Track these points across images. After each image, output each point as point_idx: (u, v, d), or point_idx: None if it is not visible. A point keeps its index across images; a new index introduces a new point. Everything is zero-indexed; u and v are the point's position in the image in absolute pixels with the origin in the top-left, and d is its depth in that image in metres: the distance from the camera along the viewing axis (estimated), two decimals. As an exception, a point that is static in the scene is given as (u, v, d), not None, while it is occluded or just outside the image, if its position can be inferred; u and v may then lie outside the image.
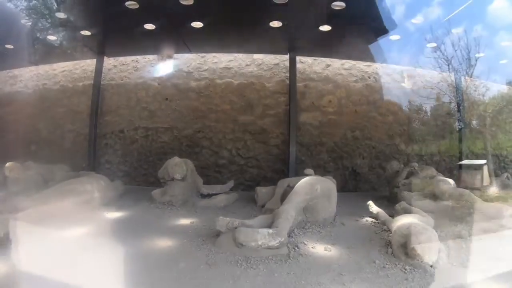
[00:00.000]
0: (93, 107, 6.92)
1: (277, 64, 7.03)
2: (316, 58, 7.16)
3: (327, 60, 7.21)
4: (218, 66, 7.04)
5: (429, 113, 7.84)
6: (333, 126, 7.02)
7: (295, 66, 6.69)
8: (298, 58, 7.06)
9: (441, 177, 5.11)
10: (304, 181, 4.27)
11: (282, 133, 6.78)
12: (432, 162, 7.67)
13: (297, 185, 4.23)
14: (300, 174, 6.68)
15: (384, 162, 7.22)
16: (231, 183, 5.93)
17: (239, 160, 6.83)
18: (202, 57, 7.09)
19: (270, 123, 6.88)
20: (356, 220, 4.41)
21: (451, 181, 4.96)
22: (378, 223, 4.14)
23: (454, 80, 7.77)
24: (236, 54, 7.06)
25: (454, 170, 7.80)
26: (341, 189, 6.86)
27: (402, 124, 7.47)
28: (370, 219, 4.36)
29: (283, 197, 4.47)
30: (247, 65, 7.05)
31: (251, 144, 6.84)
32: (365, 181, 6.95)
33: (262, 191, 5.40)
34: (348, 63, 7.29)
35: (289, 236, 3.32)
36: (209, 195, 5.58)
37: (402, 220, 3.27)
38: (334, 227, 4.08)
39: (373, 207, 4.50)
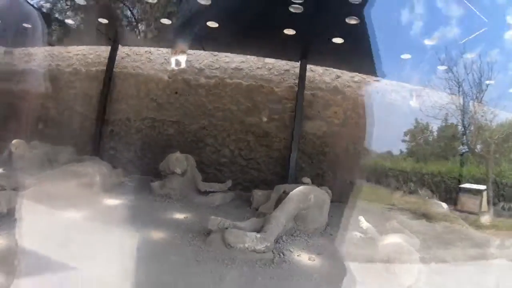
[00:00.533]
0: (103, 93, 7.07)
1: (288, 70, 7.11)
2: (327, 68, 7.21)
3: (338, 71, 7.26)
4: (229, 66, 7.14)
5: (435, 133, 7.86)
6: (336, 137, 7.08)
7: (305, 74, 6.75)
8: (308, 66, 7.14)
9: (436, 200, 5.14)
10: (298, 190, 4.35)
11: (285, 139, 6.86)
12: (433, 182, 7.69)
13: (291, 193, 4.32)
14: (298, 181, 6.79)
15: (382, 177, 7.29)
16: (229, 183, 6.03)
17: (241, 160, 6.93)
18: (215, 55, 7.19)
19: (274, 128, 6.96)
20: (346, 233, 4.43)
21: (444, 205, 5.01)
22: (367, 238, 4.19)
23: (462, 103, 7.78)
24: (248, 56, 7.14)
25: (453, 192, 7.82)
26: (338, 199, 6.95)
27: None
28: (359, 234, 4.41)
29: (278, 203, 4.55)
30: (258, 68, 7.13)
31: (253, 146, 6.94)
32: (362, 194, 6.99)
33: (258, 194, 5.48)
34: (358, 76, 7.33)
35: (276, 242, 3.41)
36: (206, 192, 5.69)
37: (388, 239, 3.33)
38: (322, 237, 4.15)
39: (363, 223, 4.44)
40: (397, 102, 7.53)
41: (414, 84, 7.58)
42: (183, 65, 7.25)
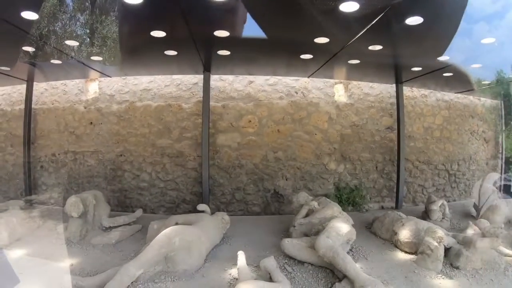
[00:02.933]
0: (25, 131, 7.22)
1: (196, 83, 6.81)
2: (238, 74, 6.83)
3: (250, 77, 6.84)
4: (138, 88, 6.96)
5: (369, 128, 7.24)
6: (253, 147, 6.77)
7: (209, 86, 6.42)
8: (218, 76, 6.80)
9: (336, 222, 4.47)
10: (163, 233, 4.14)
11: (199, 156, 6.67)
12: (368, 180, 7.21)
13: (155, 238, 4.15)
14: (218, 197, 6.66)
15: (310, 183, 6.93)
16: (138, 212, 5.96)
17: (159, 183, 6.85)
18: (124, 79, 7.03)
19: (187, 146, 6.77)
20: (225, 270, 4.04)
21: (345, 228, 4.15)
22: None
23: (395, 91, 7.08)
24: (156, 75, 6.92)
25: (393, 189, 7.32)
26: (264, 211, 6.76)
27: (332, 142, 7.02)
28: (236, 273, 3.85)
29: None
30: (166, 85, 6.89)
31: (169, 167, 6.82)
32: (288, 203, 6.70)
33: (154, 227, 5.35)
34: (273, 78, 6.87)
35: None
36: (110, 228, 5.68)
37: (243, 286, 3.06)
38: (191, 279, 3.81)
39: (240, 260, 4.00)
40: (321, 99, 7.00)
41: (339, 77, 6.99)
42: (96, 94, 7.19)
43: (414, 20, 3.97)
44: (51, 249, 4.89)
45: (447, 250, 4.11)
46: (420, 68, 6.11)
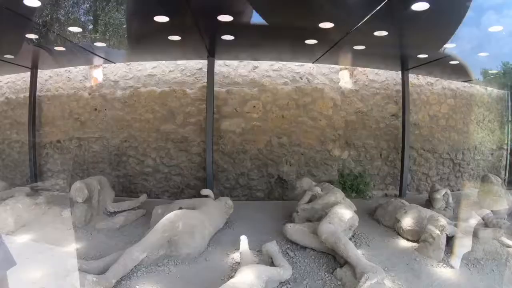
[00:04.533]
0: (30, 118, 7.24)
1: (200, 68, 6.79)
2: (243, 60, 6.81)
3: (255, 62, 6.82)
4: (142, 74, 6.96)
5: (374, 115, 7.20)
6: (257, 133, 6.76)
7: (213, 71, 6.40)
8: (222, 61, 6.78)
9: (339, 208, 4.46)
10: (166, 218, 4.12)
11: (203, 142, 6.67)
12: (372, 167, 7.18)
13: (158, 222, 4.15)
14: (222, 182, 6.66)
15: (314, 169, 6.92)
16: (142, 197, 5.95)
17: (163, 168, 6.87)
18: (128, 65, 7.03)
19: (191, 131, 6.78)
20: (227, 254, 4.04)
21: (347, 214, 4.21)
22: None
23: (401, 78, 7.04)
24: (160, 61, 6.91)
25: (397, 177, 7.29)
26: (267, 196, 6.76)
27: (337, 128, 7.00)
28: (238, 257, 3.87)
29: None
30: (170, 71, 6.89)
31: (173, 153, 6.83)
32: (292, 188, 6.69)
33: (158, 211, 5.33)
34: (278, 63, 6.85)
35: (128, 278, 3.32)
36: (115, 213, 5.69)
37: (242, 272, 2.98)
38: (194, 263, 3.82)
39: (243, 244, 3.98)
40: (326, 85, 6.97)
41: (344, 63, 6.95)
42: (100, 80, 7.19)
43: (420, 6, 3.89)
44: (56, 234, 4.89)
45: (449, 239, 4.07)
46: (426, 55, 6.03)
